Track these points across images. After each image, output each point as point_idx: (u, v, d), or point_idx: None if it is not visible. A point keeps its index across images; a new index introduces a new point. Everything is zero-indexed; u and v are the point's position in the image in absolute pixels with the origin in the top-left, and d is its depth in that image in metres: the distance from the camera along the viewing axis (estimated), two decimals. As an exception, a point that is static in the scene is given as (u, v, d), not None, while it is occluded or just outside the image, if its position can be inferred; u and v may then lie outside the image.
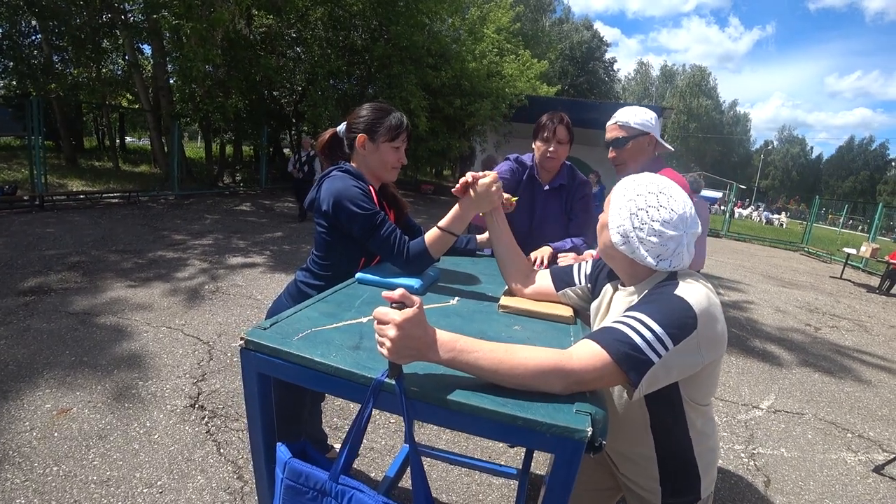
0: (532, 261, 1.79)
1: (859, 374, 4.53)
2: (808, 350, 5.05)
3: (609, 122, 1.87)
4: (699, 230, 1.03)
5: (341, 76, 13.19)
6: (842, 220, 20.94)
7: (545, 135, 2.03)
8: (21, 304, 3.82)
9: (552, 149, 2.03)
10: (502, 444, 2.64)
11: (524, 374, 0.78)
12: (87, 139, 22.17)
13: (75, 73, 12.84)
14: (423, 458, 2.17)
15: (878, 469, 2.85)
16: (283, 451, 0.90)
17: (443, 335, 0.79)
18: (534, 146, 2.11)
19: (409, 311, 0.75)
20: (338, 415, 2.76)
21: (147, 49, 13.16)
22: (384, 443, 2.57)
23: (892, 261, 9.33)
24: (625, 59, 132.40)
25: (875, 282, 10.21)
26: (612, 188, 1.11)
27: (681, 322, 0.87)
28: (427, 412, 0.78)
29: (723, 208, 24.94)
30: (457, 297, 1.29)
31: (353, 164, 1.55)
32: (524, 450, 2.23)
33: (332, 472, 0.84)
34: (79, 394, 2.68)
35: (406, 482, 2.12)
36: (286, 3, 11.26)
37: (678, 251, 0.99)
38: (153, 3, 9.52)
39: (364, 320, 1.03)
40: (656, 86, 56.69)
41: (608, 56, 42.42)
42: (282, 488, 0.89)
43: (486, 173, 1.36)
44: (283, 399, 1.52)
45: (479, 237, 1.83)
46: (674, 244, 0.98)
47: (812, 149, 66.68)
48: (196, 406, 2.70)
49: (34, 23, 12.78)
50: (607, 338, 0.86)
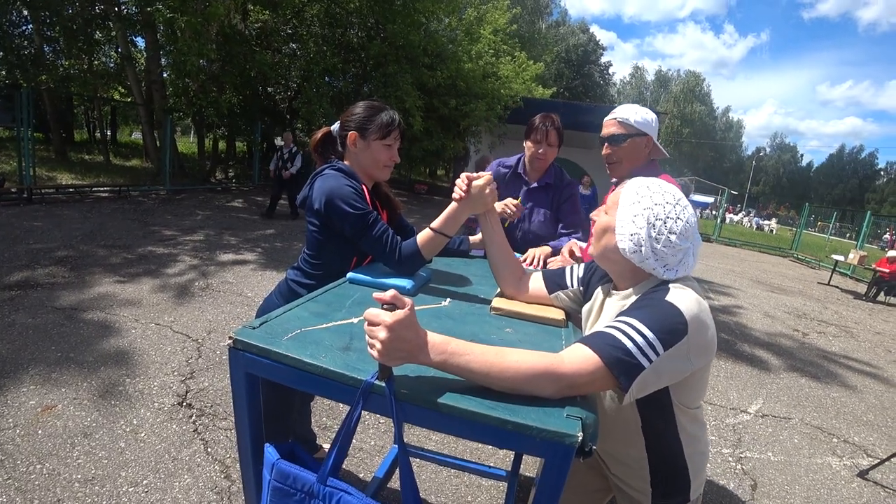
0: (527, 259, 1.81)
1: (845, 379, 4.59)
2: (795, 355, 5.10)
3: (607, 118, 1.77)
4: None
5: (337, 74, 13.14)
6: (831, 228, 21.16)
7: (537, 136, 2.12)
8: (6, 299, 3.77)
9: (542, 150, 2.12)
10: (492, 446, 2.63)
11: (515, 378, 0.78)
12: (78, 132, 21.92)
13: (66, 64, 12.68)
14: (413, 459, 2.17)
15: (863, 474, 2.88)
16: (270, 453, 0.89)
17: (434, 337, 0.79)
18: (524, 145, 2.19)
19: (399, 313, 0.74)
20: (327, 414, 2.74)
21: (140, 42, 13.04)
22: (373, 443, 2.56)
23: (878, 268, 9.46)
24: (620, 63, 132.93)
25: (862, 289, 10.34)
26: (615, 190, 1.09)
27: (672, 328, 0.88)
28: (417, 415, 0.77)
29: (714, 213, 25.15)
30: (448, 299, 1.28)
31: (346, 163, 1.54)
32: (514, 452, 2.23)
33: (319, 474, 0.84)
34: (64, 390, 2.64)
35: (395, 483, 2.11)
36: (282, -2, 11.20)
37: (685, 260, 1.00)
38: (147, -5, 9.43)
39: (355, 321, 1.02)
40: (651, 90, 57.06)
41: (604, 60, 42.60)
42: (269, 490, 0.88)
43: (481, 174, 1.35)
44: (272, 399, 1.50)
45: (472, 238, 1.83)
46: (682, 255, 0.99)
47: (802, 156, 67.61)
48: (184, 404, 2.67)
49: (25, 13, 12.60)
50: (599, 342, 0.86)
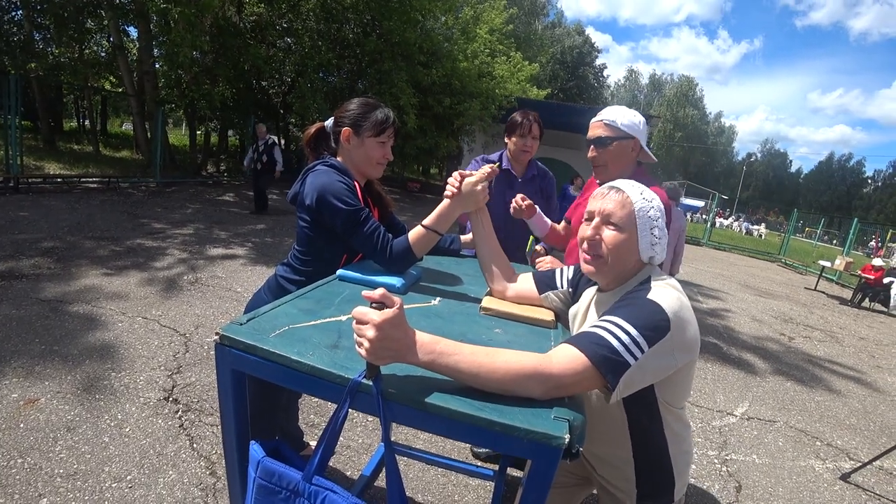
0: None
1: (830, 383, 4.65)
2: (781, 359, 5.16)
3: (594, 119, 1.73)
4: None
5: (331, 69, 13.06)
6: (818, 234, 21.45)
7: (522, 131, 2.26)
8: (-10, 289, 3.70)
9: (528, 143, 2.27)
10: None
11: (504, 378, 0.78)
12: (67, 121, 21.62)
13: (57, 52, 12.49)
14: (400, 458, 2.16)
15: (845, 477, 2.92)
16: (256, 450, 0.88)
17: (422, 337, 0.79)
18: (508, 141, 2.34)
19: (388, 312, 0.74)
20: (315, 412, 2.73)
21: (133, 31, 12.88)
22: (361, 441, 2.55)
23: (864, 275, 9.61)
24: (615, 65, 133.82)
25: (848, 294, 10.50)
26: (609, 197, 1.08)
27: (655, 325, 0.90)
28: (404, 414, 0.77)
29: (704, 217, 25.37)
30: (438, 298, 1.28)
31: (338, 159, 1.53)
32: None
33: (305, 472, 0.83)
34: (47, 384, 2.60)
35: (382, 482, 2.10)
36: (278, -9, 11.13)
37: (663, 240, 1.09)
38: (140, -16, 9.33)
39: (343, 319, 1.01)
40: (644, 93, 57.42)
41: (598, 62, 42.77)
42: (254, 487, 0.87)
43: (472, 172, 1.36)
44: (259, 396, 1.49)
45: (463, 237, 1.83)
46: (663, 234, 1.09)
47: (791, 162, 68.47)
48: (170, 399, 2.64)
49: (15, -2, 12.40)
50: (585, 341, 0.87)
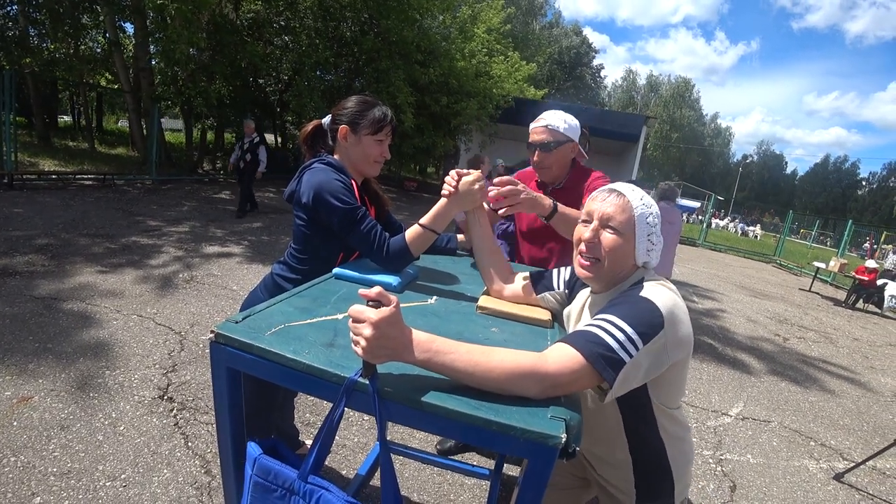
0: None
1: (824, 384, 4.68)
2: (776, 359, 5.19)
3: (536, 124, 1.84)
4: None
5: (329, 67, 13.03)
6: (813, 235, 21.58)
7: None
8: (-17, 286, 3.68)
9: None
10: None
11: (500, 378, 0.78)
12: (62, 118, 21.49)
13: (52, 48, 12.41)
14: (396, 457, 2.16)
15: (839, 477, 2.94)
16: (253, 448, 0.89)
17: (419, 335, 0.78)
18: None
19: (385, 311, 0.74)
20: (310, 410, 2.72)
21: (129, 28, 12.79)
22: (357, 440, 2.54)
23: (858, 276, 9.66)
24: (612, 66, 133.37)
25: (842, 295, 10.55)
26: (607, 201, 1.07)
27: (649, 322, 0.90)
28: (400, 413, 0.76)
29: (701, 218, 25.47)
30: (435, 297, 1.28)
31: (335, 157, 1.52)
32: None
33: (301, 471, 0.83)
34: (41, 382, 2.58)
35: (378, 480, 2.10)
36: (275, -11, 11.09)
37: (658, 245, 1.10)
38: (137, -20, 9.27)
39: (339, 317, 1.01)
40: (641, 94, 57.52)
41: (596, 62, 42.91)
42: (250, 485, 0.87)
43: (470, 171, 1.35)
44: (254, 394, 1.48)
45: (460, 237, 1.83)
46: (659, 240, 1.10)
47: (787, 164, 68.81)
48: (165, 397, 2.63)
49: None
50: (580, 340, 0.88)
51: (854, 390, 4.64)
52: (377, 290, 0.76)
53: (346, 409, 0.78)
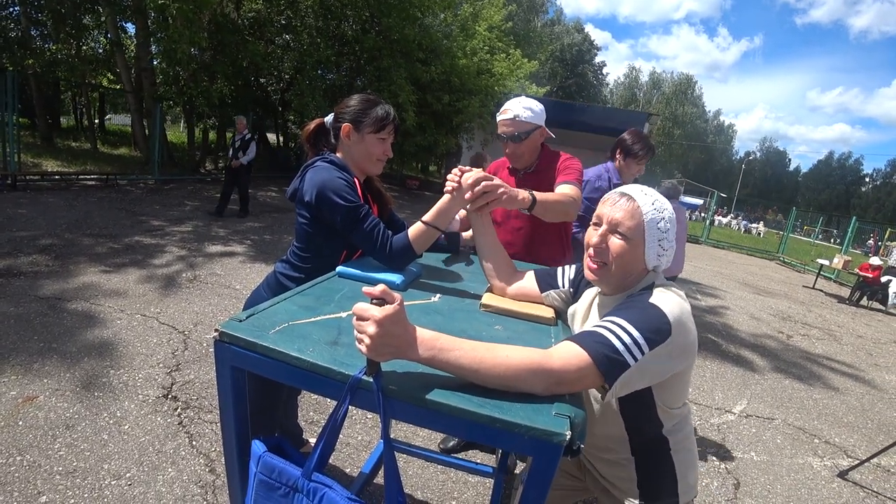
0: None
1: (828, 381, 4.66)
2: (780, 357, 5.18)
3: (503, 116, 1.87)
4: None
5: (330, 66, 13.04)
6: (816, 232, 21.50)
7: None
8: (-12, 286, 3.69)
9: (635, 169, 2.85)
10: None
11: (505, 374, 0.78)
12: (65, 119, 21.55)
13: (54, 48, 12.43)
14: (400, 455, 2.16)
15: (843, 474, 2.93)
16: (258, 446, 0.89)
17: (423, 333, 0.78)
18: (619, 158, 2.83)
19: (389, 308, 0.74)
20: (314, 409, 2.73)
21: (131, 28, 12.81)
22: (360, 438, 2.55)
23: (862, 273, 9.62)
24: (614, 63, 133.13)
25: (846, 293, 10.52)
26: (618, 204, 1.05)
27: (656, 328, 0.90)
28: (405, 411, 0.76)
29: (703, 215, 25.40)
30: (438, 295, 1.27)
31: (338, 155, 1.52)
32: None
33: (305, 468, 0.83)
34: (46, 381, 2.60)
35: (382, 479, 2.10)
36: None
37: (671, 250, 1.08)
38: (138, -20, 9.29)
39: (343, 315, 1.01)
40: (644, 91, 57.34)
41: (598, 59, 42.81)
42: (255, 482, 0.88)
43: (473, 169, 1.35)
44: (258, 393, 1.49)
45: (464, 234, 1.82)
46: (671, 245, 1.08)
47: (790, 161, 68.51)
48: (169, 396, 2.64)
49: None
50: (588, 340, 0.88)
51: (858, 387, 4.63)
52: (381, 287, 0.76)
53: (350, 407, 0.78)
